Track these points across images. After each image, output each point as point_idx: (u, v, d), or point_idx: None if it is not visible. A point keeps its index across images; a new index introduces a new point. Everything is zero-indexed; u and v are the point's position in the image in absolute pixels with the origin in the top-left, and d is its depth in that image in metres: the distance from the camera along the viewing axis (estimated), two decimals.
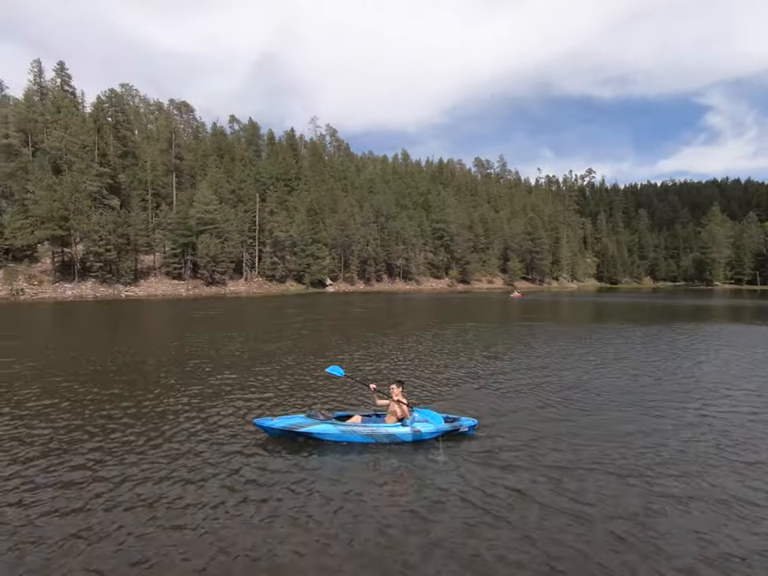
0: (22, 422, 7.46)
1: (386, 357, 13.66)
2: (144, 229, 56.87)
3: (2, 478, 5.41)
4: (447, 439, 6.54)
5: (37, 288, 48.65)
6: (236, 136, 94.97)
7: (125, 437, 6.80)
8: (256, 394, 9.32)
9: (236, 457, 6.01)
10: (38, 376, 10.95)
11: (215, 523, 4.49)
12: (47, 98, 67.05)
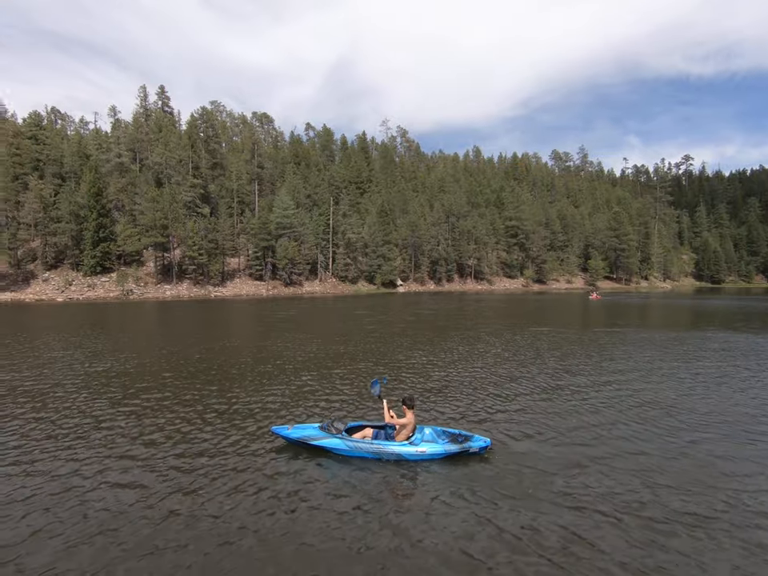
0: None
1: (451, 365, 13.56)
2: (230, 234, 61.81)
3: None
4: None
5: (143, 289, 55.04)
6: (311, 142, 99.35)
7: (206, 432, 7.56)
8: (333, 396, 9.79)
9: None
10: (142, 371, 12.48)
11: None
12: (151, 119, 75.44)
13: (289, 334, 20.25)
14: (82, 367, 13.04)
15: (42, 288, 53.10)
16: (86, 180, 56.41)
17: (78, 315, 33.68)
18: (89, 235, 54.22)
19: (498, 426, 8.08)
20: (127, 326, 25.96)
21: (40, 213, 54.73)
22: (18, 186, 55.99)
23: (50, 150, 62.44)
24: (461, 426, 7.99)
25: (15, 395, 10.16)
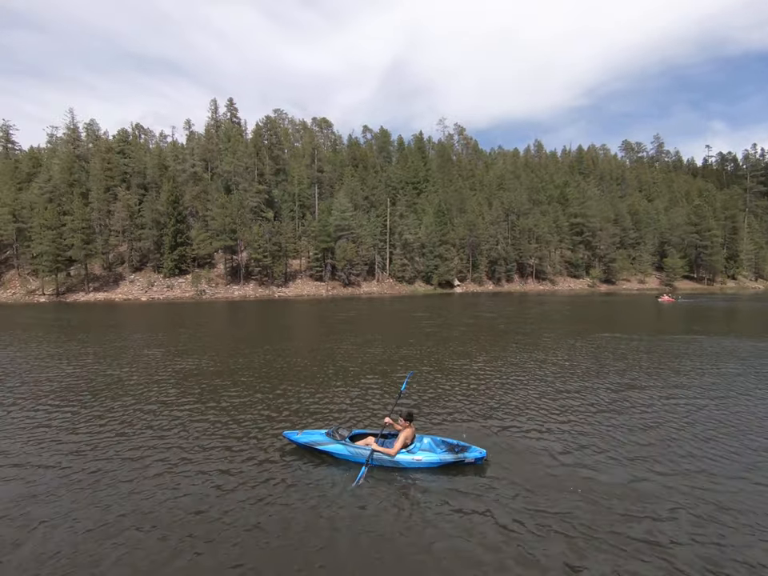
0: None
1: (507, 374, 13.22)
2: (292, 237, 64.46)
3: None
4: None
5: (214, 289, 59.03)
6: (368, 145, 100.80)
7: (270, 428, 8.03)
8: (390, 400, 9.99)
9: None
10: (216, 370, 13.45)
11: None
12: (221, 130, 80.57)
13: (349, 336, 20.80)
14: (168, 364, 14.31)
15: (128, 288, 58.71)
16: (164, 189, 61.51)
17: (160, 314, 36.87)
18: (167, 240, 59.10)
19: (549, 440, 7.82)
20: (202, 326, 28.01)
21: (127, 220, 60.55)
22: (109, 197, 62.33)
23: (135, 162, 68.77)
24: (506, 438, 7.84)
25: (120, 387, 11.40)
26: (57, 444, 7.72)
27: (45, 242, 54.79)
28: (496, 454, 7.06)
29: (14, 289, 58.79)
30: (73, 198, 60.34)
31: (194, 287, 58.12)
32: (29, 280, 59.41)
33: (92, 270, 59.59)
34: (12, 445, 7.71)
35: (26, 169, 70.40)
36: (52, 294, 56.72)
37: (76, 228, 56.17)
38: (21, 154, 78.50)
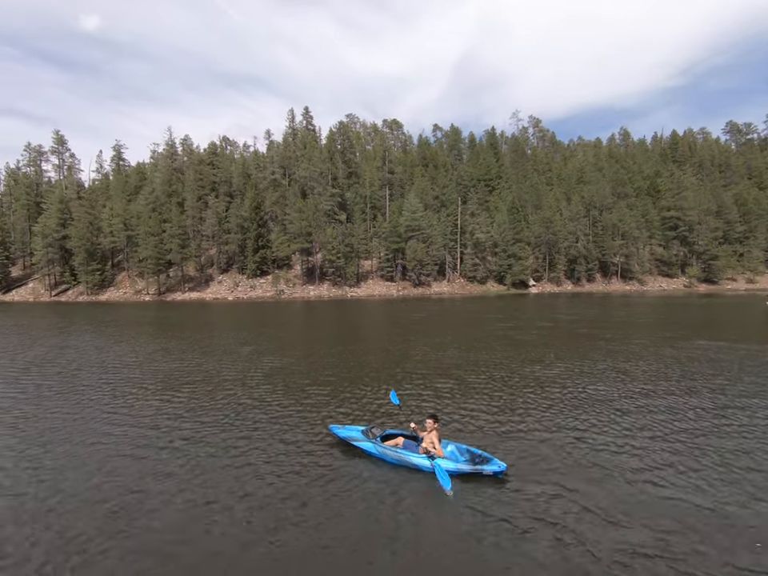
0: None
1: (584, 385, 12.45)
2: (364, 238, 66.04)
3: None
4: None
5: (292, 289, 62.39)
6: (439, 144, 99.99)
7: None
8: (467, 410, 9.94)
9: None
10: (295, 368, 14.28)
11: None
12: (297, 138, 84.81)
13: (421, 338, 20.90)
14: (254, 361, 15.49)
15: (217, 288, 64.08)
16: (248, 196, 66.21)
17: (244, 313, 39.81)
18: (250, 243, 63.59)
19: (625, 461, 7.25)
20: (282, 325, 29.79)
21: (216, 226, 66.08)
22: (200, 205, 68.47)
23: (222, 172, 74.78)
24: (578, 455, 7.40)
25: (214, 381, 12.62)
26: (154, 432, 8.75)
27: (149, 247, 61.68)
28: (565, 475, 6.76)
29: (125, 288, 66.90)
30: (171, 207, 67.28)
31: (273, 287, 61.89)
32: (136, 281, 67.25)
33: (187, 272, 65.95)
34: (131, 430, 8.87)
35: (133, 182, 79.70)
36: (155, 293, 63.70)
37: (174, 234, 62.57)
38: (129, 169, 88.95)
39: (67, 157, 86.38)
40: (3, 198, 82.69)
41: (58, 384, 12.74)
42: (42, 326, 30.70)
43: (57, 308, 50.87)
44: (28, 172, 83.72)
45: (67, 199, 72.55)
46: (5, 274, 72.99)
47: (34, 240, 70.75)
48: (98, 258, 67.63)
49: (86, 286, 66.57)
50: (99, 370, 14.61)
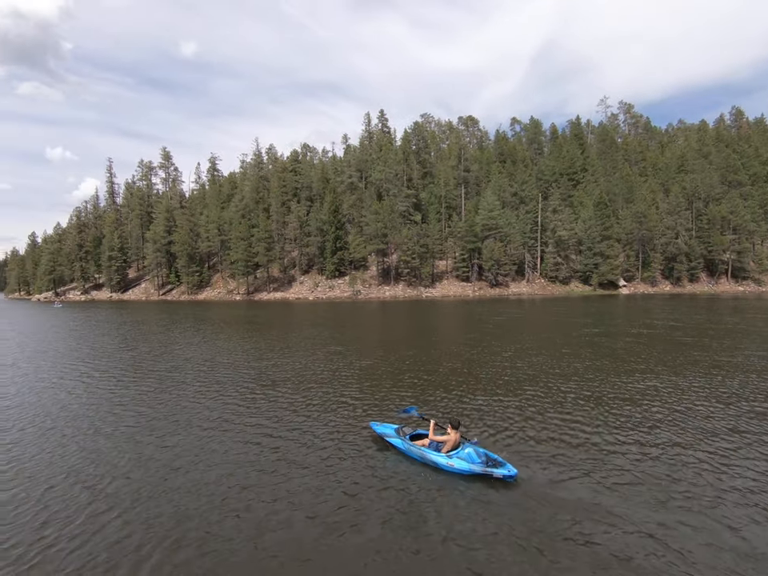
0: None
1: (677, 404, 11.11)
2: (439, 238, 65.56)
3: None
4: None
5: (368, 290, 63.88)
6: (517, 138, 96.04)
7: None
8: (549, 418, 9.44)
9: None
10: (370, 370, 14.58)
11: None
12: (373, 141, 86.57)
13: (499, 342, 20.23)
14: (336, 360, 16.13)
15: (299, 289, 67.66)
16: (327, 200, 68.99)
17: (324, 312, 41.57)
18: (329, 245, 66.22)
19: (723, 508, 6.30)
20: (358, 326, 30.63)
21: (298, 229, 69.76)
22: (284, 210, 72.73)
23: (303, 178, 78.80)
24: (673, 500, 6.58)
25: (299, 379, 13.37)
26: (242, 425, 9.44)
27: (239, 251, 66.93)
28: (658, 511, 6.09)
29: (219, 288, 73.30)
30: (258, 213, 72.37)
31: (350, 288, 63.86)
32: (228, 282, 73.34)
33: (272, 273, 70.51)
34: (230, 423, 9.70)
35: (226, 191, 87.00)
36: (244, 293, 68.98)
37: (260, 238, 67.21)
38: (222, 179, 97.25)
39: (172, 170, 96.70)
40: (122, 210, 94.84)
41: (167, 376, 14.33)
42: (152, 321, 34.78)
43: (163, 306, 57.30)
44: (141, 185, 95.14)
45: (172, 208, 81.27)
46: (123, 276, 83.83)
47: (146, 245, 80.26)
48: (196, 260, 74.91)
49: (187, 286, 74.12)
50: (198, 365, 16.17)
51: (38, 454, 8.12)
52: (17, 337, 27.14)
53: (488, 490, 6.58)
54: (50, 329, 31.38)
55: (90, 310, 51.48)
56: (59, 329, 31.18)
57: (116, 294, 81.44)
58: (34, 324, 36.42)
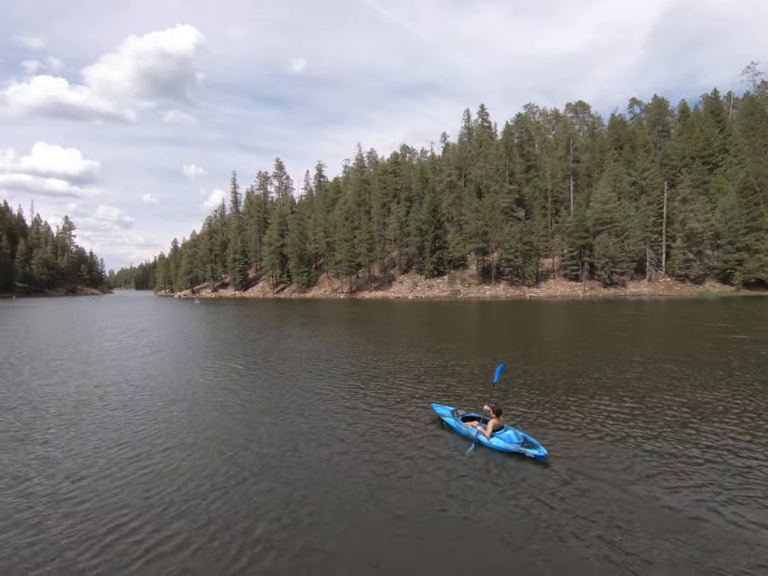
0: None
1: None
2: (544, 235, 61.86)
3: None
4: None
5: (467, 289, 62.84)
6: (637, 120, 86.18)
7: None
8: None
9: None
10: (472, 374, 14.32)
11: None
12: (473, 137, 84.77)
13: (615, 346, 18.43)
14: (438, 359, 16.24)
15: (398, 288, 69.14)
16: (426, 200, 69.37)
17: (423, 312, 41.93)
18: (428, 245, 66.53)
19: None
20: (455, 325, 30.31)
21: (397, 230, 71.33)
22: (384, 211, 74.88)
23: (403, 179, 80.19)
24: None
25: (399, 375, 13.76)
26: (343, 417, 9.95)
27: (343, 252, 70.61)
28: None
29: (325, 287, 78.19)
30: (360, 216, 75.53)
31: (449, 287, 63.41)
32: (333, 281, 77.86)
33: (373, 273, 73.11)
34: (338, 416, 10.37)
35: (331, 196, 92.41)
36: (347, 291, 72.60)
37: (362, 239, 70.08)
38: (327, 184, 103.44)
39: (284, 179, 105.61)
40: (243, 217, 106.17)
41: (281, 364, 15.77)
42: (268, 316, 38.48)
43: (277, 303, 62.94)
44: (258, 194, 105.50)
45: (284, 214, 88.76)
46: (244, 276, 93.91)
47: (263, 248, 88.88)
48: (305, 261, 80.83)
49: (297, 285, 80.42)
50: (307, 357, 17.49)
51: (173, 423, 9.55)
52: (169, 327, 32.10)
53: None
54: (190, 320, 36.54)
55: (220, 306, 58.66)
56: (200, 321, 36.14)
57: (238, 291, 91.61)
58: (182, 317, 42.66)
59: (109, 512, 5.93)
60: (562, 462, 7.36)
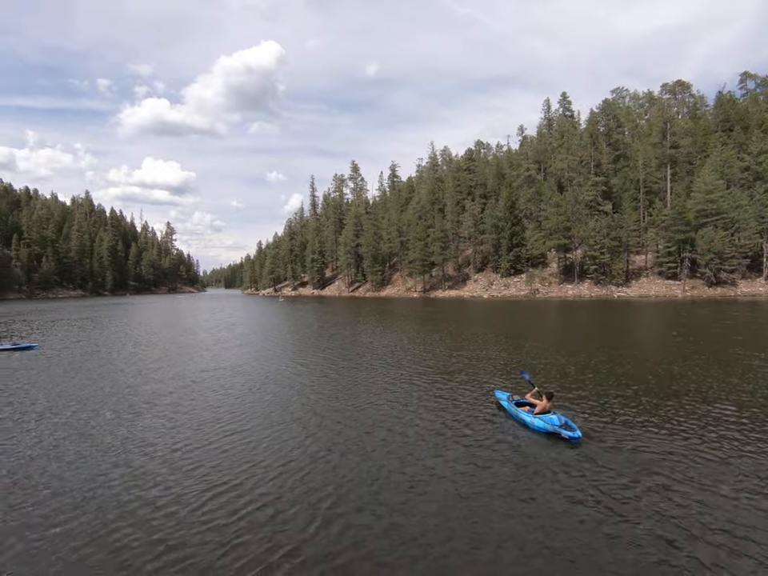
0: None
1: None
2: (635, 229, 56.73)
3: None
4: None
5: (547, 288, 59.67)
6: (751, 97, 75.63)
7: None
8: None
9: None
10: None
11: None
12: (553, 128, 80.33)
13: (728, 354, 16.33)
14: (506, 360, 15.64)
15: (473, 287, 67.68)
16: (502, 196, 67.05)
17: (499, 311, 40.58)
18: (504, 242, 64.24)
19: None
20: (538, 323, 28.88)
21: (472, 228, 69.82)
22: (458, 209, 73.71)
23: (478, 176, 78.30)
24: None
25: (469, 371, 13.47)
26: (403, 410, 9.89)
27: (416, 251, 70.72)
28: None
29: (398, 286, 78.94)
30: (434, 214, 75.13)
31: (527, 286, 60.70)
32: (407, 280, 78.30)
33: (447, 272, 72.30)
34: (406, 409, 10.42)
35: (404, 195, 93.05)
36: (421, 290, 72.62)
37: (436, 237, 69.65)
38: (401, 184, 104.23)
39: (359, 181, 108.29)
40: (321, 218, 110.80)
41: (359, 360, 16.18)
42: (345, 314, 39.76)
43: (352, 301, 64.82)
44: (335, 196, 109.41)
45: (359, 215, 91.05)
46: (321, 275, 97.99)
47: (338, 248, 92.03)
48: (379, 261, 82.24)
49: (371, 284, 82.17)
50: (383, 351, 17.75)
51: (258, 402, 10.19)
52: (257, 321, 34.57)
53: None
54: (275, 315, 38.99)
55: (300, 303, 61.86)
56: (283, 316, 38.47)
57: (316, 290, 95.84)
58: (267, 313, 45.71)
59: (215, 470, 6.92)
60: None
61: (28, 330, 28.76)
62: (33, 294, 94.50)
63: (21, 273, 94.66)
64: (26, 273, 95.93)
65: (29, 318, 38.20)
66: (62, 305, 64.55)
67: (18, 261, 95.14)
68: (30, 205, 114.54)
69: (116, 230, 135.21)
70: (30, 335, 25.39)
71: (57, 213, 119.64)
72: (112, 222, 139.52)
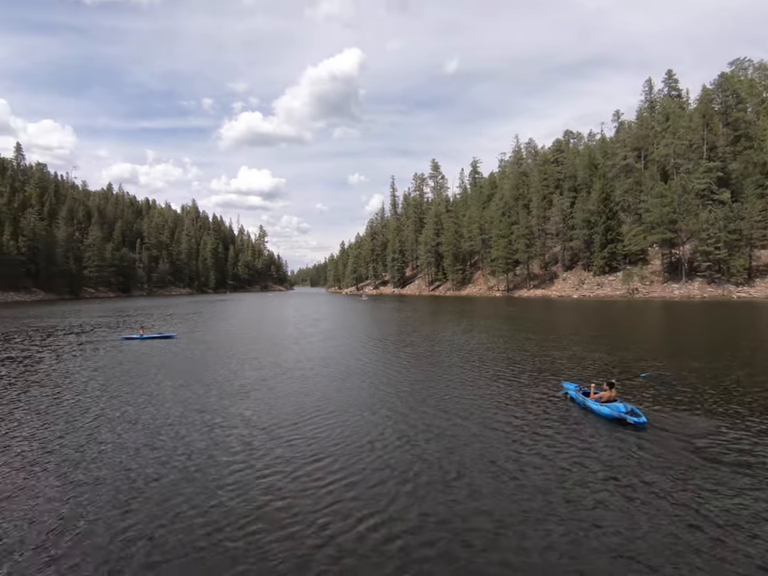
0: None
1: None
2: (761, 220, 49.16)
3: None
4: None
5: (648, 287, 54.18)
6: None
7: None
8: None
9: None
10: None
11: None
12: (656, 111, 72.59)
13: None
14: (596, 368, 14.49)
15: (561, 286, 63.78)
16: (595, 188, 62.23)
17: (592, 313, 37.76)
18: (597, 238, 59.54)
19: None
20: (642, 327, 26.39)
21: (560, 223, 65.86)
22: (545, 204, 69.93)
23: (566, 168, 73.45)
24: None
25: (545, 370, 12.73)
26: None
27: (499, 248, 68.43)
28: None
29: (480, 285, 77.08)
30: (518, 210, 72.08)
31: (624, 285, 55.65)
32: (489, 279, 76.17)
33: (532, 270, 68.97)
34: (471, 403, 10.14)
35: (486, 192, 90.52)
36: (504, 289, 70.18)
37: (520, 234, 66.74)
38: (482, 181, 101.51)
39: (439, 179, 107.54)
40: (401, 218, 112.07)
41: (439, 356, 16.12)
42: (425, 312, 39.83)
43: (432, 300, 64.66)
44: (415, 196, 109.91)
45: (439, 213, 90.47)
46: (402, 274, 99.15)
47: (419, 247, 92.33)
48: (460, 259, 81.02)
49: (451, 283, 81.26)
50: (463, 348, 17.48)
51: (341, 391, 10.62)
52: (341, 318, 36.13)
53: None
54: (358, 313, 40.38)
55: (382, 302, 63.24)
56: (366, 313, 39.73)
57: (397, 289, 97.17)
58: (350, 310, 47.51)
59: (306, 448, 7.61)
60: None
61: (161, 322, 33.01)
62: (152, 292, 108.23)
63: (143, 273, 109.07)
64: (147, 273, 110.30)
65: (156, 313, 43.74)
66: (175, 301, 73.19)
67: (141, 262, 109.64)
68: (149, 214, 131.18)
69: (217, 234, 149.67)
70: (163, 326, 29.23)
71: (170, 220, 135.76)
72: (214, 226, 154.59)
